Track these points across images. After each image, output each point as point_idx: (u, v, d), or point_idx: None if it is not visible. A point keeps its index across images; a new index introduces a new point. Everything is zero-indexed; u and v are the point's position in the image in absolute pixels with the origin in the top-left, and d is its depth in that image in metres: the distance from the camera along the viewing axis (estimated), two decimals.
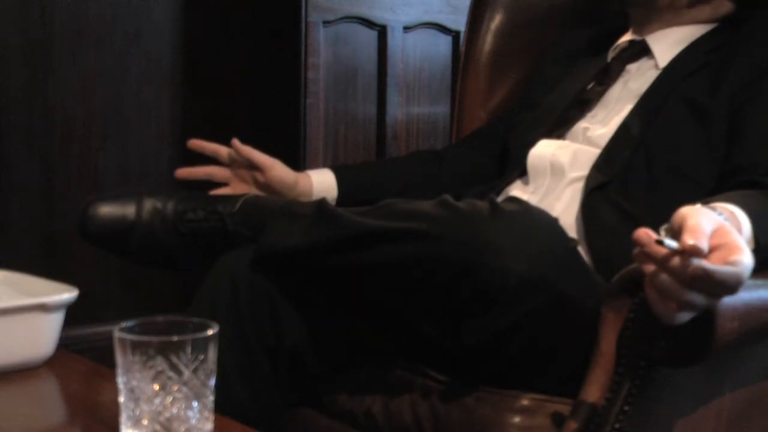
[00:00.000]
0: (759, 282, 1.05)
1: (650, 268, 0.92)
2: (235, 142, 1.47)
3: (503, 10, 1.73)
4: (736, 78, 1.28)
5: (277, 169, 1.47)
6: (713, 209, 0.96)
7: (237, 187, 1.49)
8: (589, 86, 1.44)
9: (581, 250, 1.23)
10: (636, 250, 0.92)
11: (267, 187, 1.47)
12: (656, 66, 1.39)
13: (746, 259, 0.91)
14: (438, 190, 1.24)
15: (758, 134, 1.24)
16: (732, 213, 1.00)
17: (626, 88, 1.40)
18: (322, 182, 1.50)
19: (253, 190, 1.47)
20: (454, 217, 1.06)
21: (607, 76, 1.43)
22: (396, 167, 1.60)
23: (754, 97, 1.26)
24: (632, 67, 1.43)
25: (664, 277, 0.91)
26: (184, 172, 1.50)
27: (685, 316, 0.93)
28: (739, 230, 0.98)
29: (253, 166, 1.47)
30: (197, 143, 1.49)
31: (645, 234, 0.91)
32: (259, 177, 1.47)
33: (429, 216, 1.06)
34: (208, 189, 1.44)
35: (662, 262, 0.90)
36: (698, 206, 0.96)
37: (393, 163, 1.65)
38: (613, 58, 1.47)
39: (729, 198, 1.03)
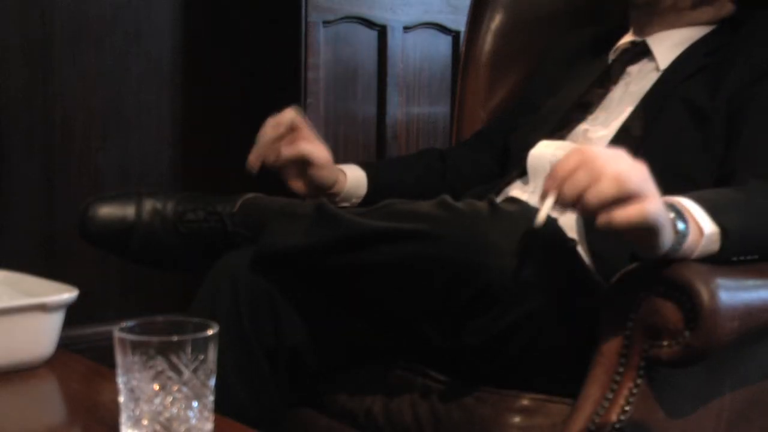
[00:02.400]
0: (759, 282, 1.05)
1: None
2: (289, 148, 1.40)
3: (503, 10, 1.73)
4: (734, 80, 1.28)
5: (327, 169, 1.43)
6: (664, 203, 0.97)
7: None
8: (591, 89, 1.44)
9: (581, 250, 1.23)
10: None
11: (308, 178, 1.44)
12: (657, 68, 1.39)
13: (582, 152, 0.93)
14: (441, 190, 1.24)
15: (754, 136, 1.24)
16: (676, 199, 1.01)
17: (627, 91, 1.40)
18: (354, 177, 1.49)
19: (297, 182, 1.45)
20: (453, 217, 1.06)
21: (608, 78, 1.43)
22: (412, 166, 1.60)
23: (752, 98, 1.26)
24: (633, 69, 1.43)
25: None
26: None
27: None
28: (686, 209, 0.99)
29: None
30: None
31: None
32: (304, 168, 1.43)
33: (428, 216, 1.06)
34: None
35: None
36: None
37: (408, 161, 1.64)
38: (614, 60, 1.47)
39: (685, 194, 1.04)
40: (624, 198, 0.91)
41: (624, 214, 0.91)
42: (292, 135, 1.41)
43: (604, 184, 0.90)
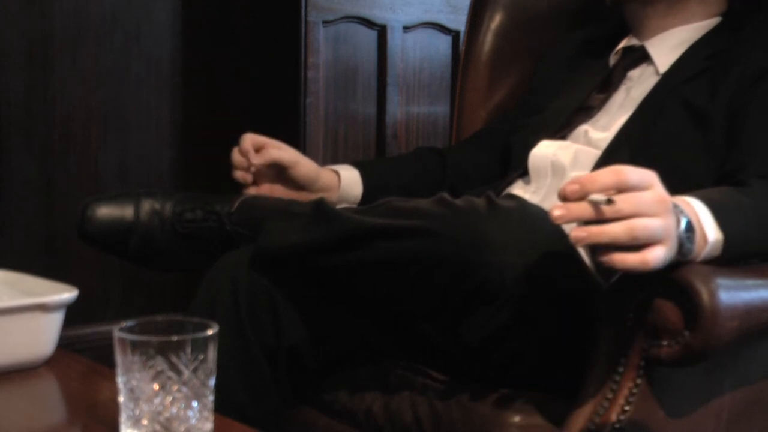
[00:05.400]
0: (759, 282, 1.05)
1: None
2: (258, 156, 1.42)
3: (503, 10, 1.73)
4: (735, 80, 1.28)
5: (301, 165, 1.45)
6: (672, 203, 0.96)
7: (262, 184, 1.46)
8: (592, 94, 1.44)
9: (581, 249, 1.23)
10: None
11: (291, 182, 1.45)
12: (657, 72, 1.39)
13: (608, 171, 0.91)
14: (440, 188, 1.24)
15: (753, 137, 1.24)
16: (688, 203, 0.99)
17: (629, 96, 1.40)
18: (348, 177, 1.49)
19: (277, 188, 1.45)
20: (451, 214, 1.06)
21: (610, 83, 1.43)
22: (409, 165, 1.60)
23: (753, 98, 1.26)
24: (634, 74, 1.43)
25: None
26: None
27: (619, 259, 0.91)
28: (696, 218, 0.98)
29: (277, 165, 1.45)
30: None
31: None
32: (284, 173, 1.45)
33: (427, 213, 1.06)
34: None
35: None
36: None
37: (404, 160, 1.64)
38: (614, 65, 1.46)
39: (694, 193, 1.04)
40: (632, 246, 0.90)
41: (624, 262, 0.90)
42: (263, 148, 1.44)
43: (617, 229, 0.89)
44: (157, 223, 1.30)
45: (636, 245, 0.90)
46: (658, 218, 0.91)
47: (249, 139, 1.43)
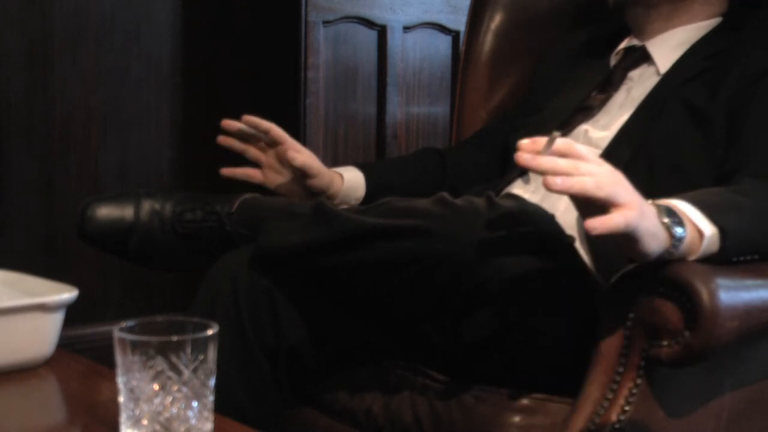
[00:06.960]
0: (759, 282, 1.05)
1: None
2: (292, 154, 1.42)
3: (503, 10, 1.73)
4: (734, 80, 1.28)
5: (321, 176, 1.44)
6: (654, 205, 0.98)
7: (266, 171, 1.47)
8: (592, 94, 1.44)
9: (581, 249, 1.23)
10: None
11: (307, 189, 1.45)
12: (657, 72, 1.39)
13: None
14: (441, 189, 1.24)
15: (752, 137, 1.24)
16: (667, 202, 1.00)
17: (630, 96, 1.40)
18: (351, 179, 1.49)
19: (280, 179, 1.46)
20: (451, 214, 1.06)
21: (610, 84, 1.43)
22: (409, 166, 1.60)
23: (752, 98, 1.26)
24: (634, 74, 1.43)
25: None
26: (228, 172, 1.47)
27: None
28: (681, 212, 0.99)
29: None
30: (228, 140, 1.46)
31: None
32: (300, 179, 1.45)
33: (427, 213, 1.07)
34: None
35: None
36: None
37: (405, 161, 1.64)
38: (615, 65, 1.47)
39: (680, 196, 1.04)
40: (604, 204, 0.92)
41: (609, 221, 0.91)
42: (283, 146, 1.43)
43: (585, 178, 0.92)
44: (157, 223, 1.30)
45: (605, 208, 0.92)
46: (617, 184, 0.93)
47: (269, 125, 1.42)
